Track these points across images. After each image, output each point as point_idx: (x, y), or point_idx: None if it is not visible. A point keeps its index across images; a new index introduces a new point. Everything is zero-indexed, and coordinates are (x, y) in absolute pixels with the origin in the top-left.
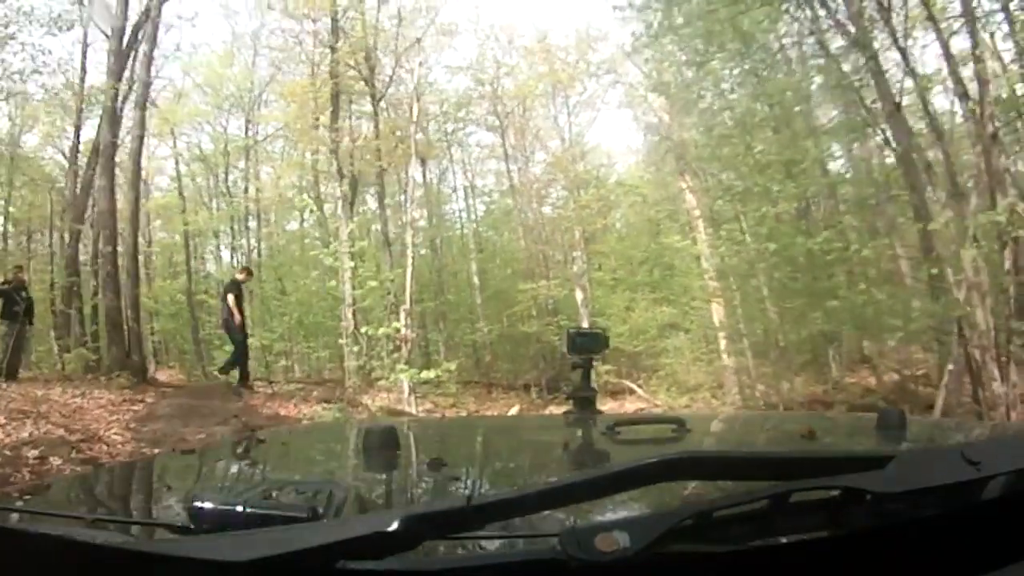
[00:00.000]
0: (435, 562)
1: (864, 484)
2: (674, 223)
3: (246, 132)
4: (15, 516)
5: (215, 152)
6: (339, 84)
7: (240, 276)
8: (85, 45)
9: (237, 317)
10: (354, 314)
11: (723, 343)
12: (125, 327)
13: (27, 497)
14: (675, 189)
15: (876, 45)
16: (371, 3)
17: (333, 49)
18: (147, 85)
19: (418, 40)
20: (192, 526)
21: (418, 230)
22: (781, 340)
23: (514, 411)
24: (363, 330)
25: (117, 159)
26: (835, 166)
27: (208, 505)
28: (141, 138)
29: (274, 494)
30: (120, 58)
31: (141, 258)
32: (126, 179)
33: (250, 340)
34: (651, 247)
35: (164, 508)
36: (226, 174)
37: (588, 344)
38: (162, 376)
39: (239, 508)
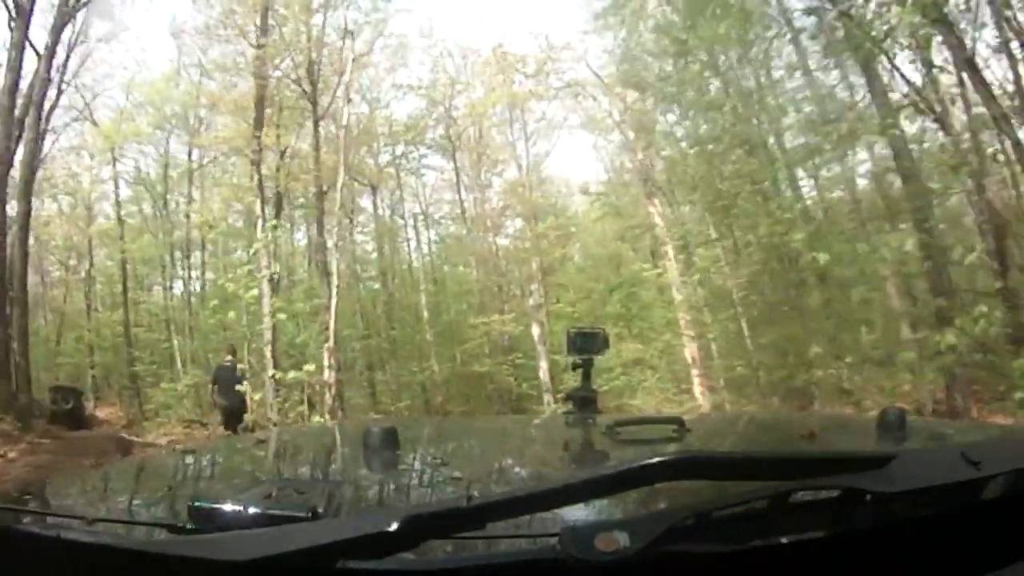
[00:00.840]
0: (435, 562)
1: (864, 484)
2: (639, 252)
3: (189, 155)
4: (15, 516)
5: (158, 175)
6: (265, 88)
7: (227, 360)
8: None
9: (219, 403)
10: (274, 354)
11: (696, 380)
12: (11, 362)
13: (27, 497)
14: (640, 217)
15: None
16: (318, 18)
17: (259, 47)
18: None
19: (363, 55)
20: (192, 526)
21: (367, 262)
22: (761, 375)
23: None
24: (270, 374)
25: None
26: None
27: (208, 505)
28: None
29: (274, 494)
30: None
31: (84, 287)
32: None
33: (180, 384)
34: (614, 279)
35: (164, 508)
36: (164, 200)
37: (588, 344)
38: (102, 413)
39: (239, 508)
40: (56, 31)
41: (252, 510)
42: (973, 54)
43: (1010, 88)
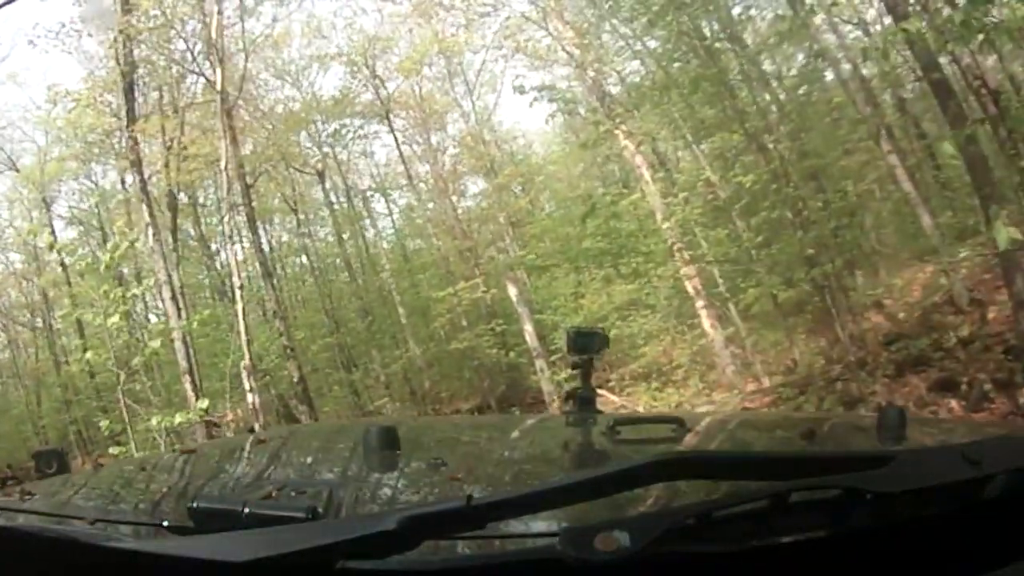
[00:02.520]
0: (435, 562)
1: (864, 484)
2: (609, 179)
3: (122, 183)
4: (15, 516)
5: (93, 209)
6: (133, 75)
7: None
8: None
9: None
10: (194, 384)
11: (702, 313)
12: None
13: (27, 497)
14: (602, 151)
15: None
16: None
17: (121, 31)
18: None
19: (267, 28)
20: (192, 526)
21: (329, 254)
22: (776, 294)
23: None
24: (154, 421)
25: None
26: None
27: (208, 505)
28: None
29: (274, 494)
30: None
31: (47, 341)
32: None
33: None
34: (592, 206)
35: (164, 508)
36: (103, 234)
37: (587, 343)
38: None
39: (239, 508)
40: None
41: (252, 510)
42: None
43: None
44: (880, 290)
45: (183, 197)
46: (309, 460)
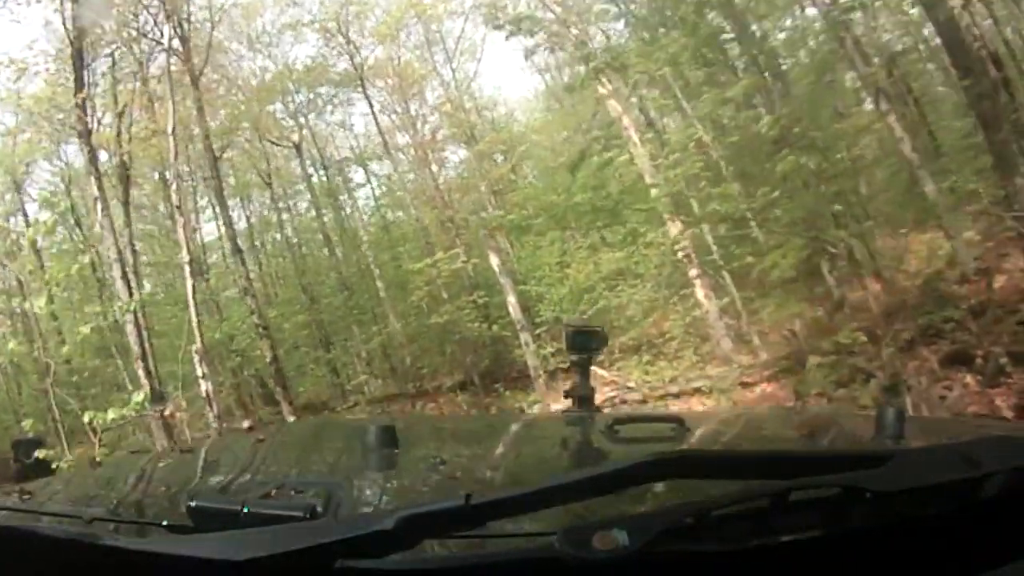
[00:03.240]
0: (435, 561)
1: (864, 483)
2: (597, 141)
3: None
4: (15, 516)
5: (63, 190)
6: (82, 39)
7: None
8: None
9: None
10: (147, 371)
11: (696, 282)
12: None
13: (27, 497)
14: (587, 112)
15: None
16: None
17: None
18: None
19: None
20: (191, 525)
21: (308, 229)
22: (774, 261)
23: None
24: (87, 417)
25: None
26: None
27: (207, 504)
28: None
29: (273, 493)
30: None
31: (23, 327)
32: None
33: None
34: (581, 155)
35: (164, 508)
36: (74, 215)
37: (586, 341)
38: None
39: (238, 507)
40: None
41: (251, 509)
42: None
43: None
44: (885, 258)
45: (155, 173)
46: (308, 460)
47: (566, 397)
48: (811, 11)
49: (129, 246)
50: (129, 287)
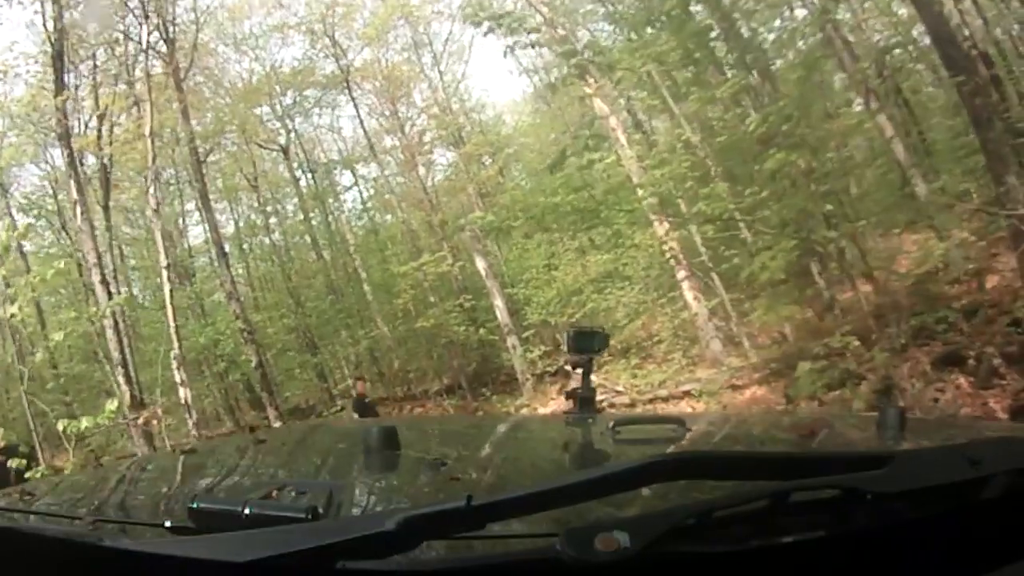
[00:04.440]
0: (435, 562)
1: (864, 484)
2: (582, 145)
3: (77, 163)
4: (15, 516)
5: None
6: (63, 40)
7: (360, 388)
8: None
9: None
10: (128, 377)
11: (684, 284)
12: None
13: (27, 497)
14: (575, 114)
15: None
16: None
17: None
18: None
19: None
20: (192, 526)
21: (295, 231)
22: (763, 263)
23: None
24: (60, 426)
25: None
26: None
27: (208, 505)
28: None
29: (274, 494)
30: None
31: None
32: None
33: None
34: (562, 153)
35: (164, 508)
36: (61, 220)
37: (587, 343)
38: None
39: (239, 508)
40: None
41: (252, 510)
42: None
43: None
44: (875, 259)
45: (141, 177)
46: (309, 460)
47: (567, 398)
48: (800, 12)
49: (109, 250)
50: (108, 291)
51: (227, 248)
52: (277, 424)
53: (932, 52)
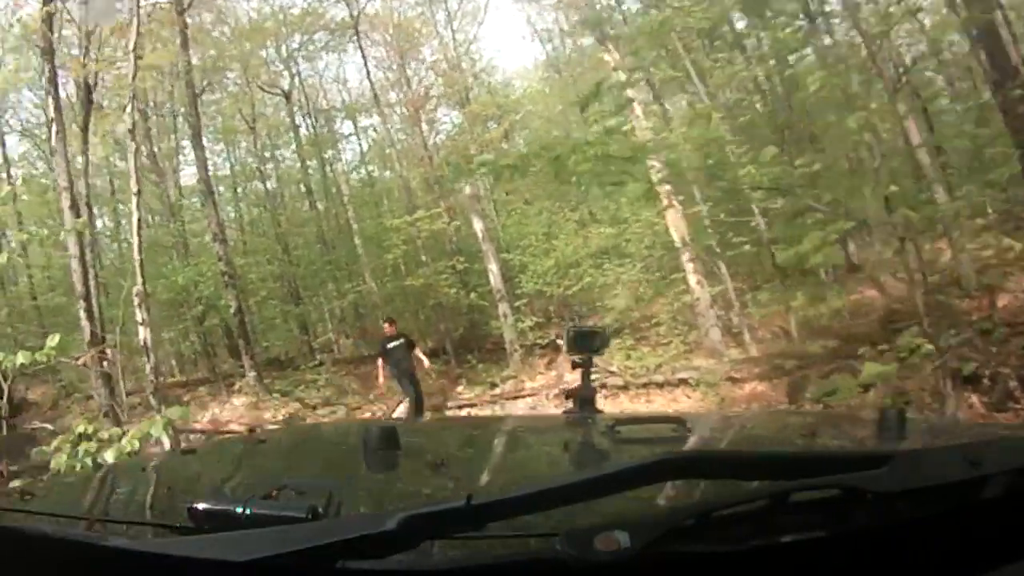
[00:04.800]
0: (435, 562)
1: (864, 484)
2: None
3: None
4: (15, 516)
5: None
6: None
7: (387, 329)
8: None
9: (383, 376)
10: (89, 312)
11: (689, 267)
12: None
13: (28, 497)
14: (586, 84)
15: None
16: None
17: None
18: None
19: None
20: (192, 526)
21: (291, 180)
22: (774, 252)
23: (401, 409)
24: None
25: None
26: None
27: (208, 505)
28: None
29: (274, 494)
30: None
31: None
32: None
33: None
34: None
35: (164, 508)
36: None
37: (588, 342)
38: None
39: (239, 508)
40: None
41: (252, 510)
42: None
43: None
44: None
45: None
46: (309, 460)
47: (566, 398)
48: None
49: (84, 174)
50: (78, 216)
51: (221, 189)
52: (252, 374)
53: (949, 65)
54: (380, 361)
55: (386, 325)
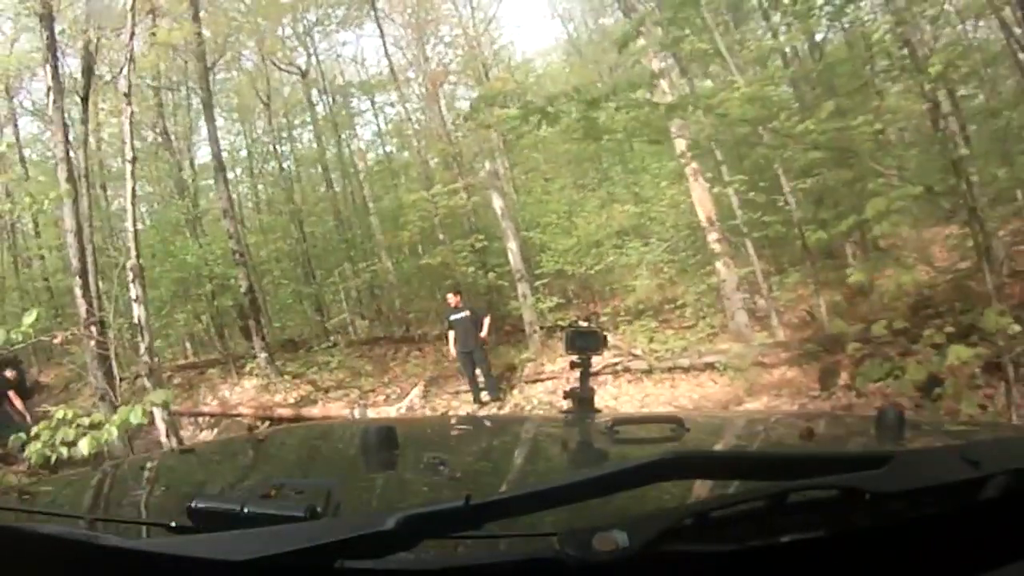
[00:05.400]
0: (434, 562)
1: (863, 484)
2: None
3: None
4: (15, 516)
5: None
6: None
7: (452, 300)
8: None
9: (455, 351)
10: (85, 288)
11: (716, 248)
12: None
13: (27, 497)
14: (606, 65)
15: None
16: None
17: None
18: None
19: None
20: (191, 525)
21: (307, 159)
22: (806, 234)
23: (415, 392)
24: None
25: None
26: None
27: (208, 505)
28: None
29: (273, 494)
30: None
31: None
32: None
33: None
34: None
35: (164, 508)
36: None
37: (586, 343)
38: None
39: (238, 508)
40: None
41: (251, 510)
42: None
43: None
44: (908, 249)
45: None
46: (309, 460)
47: (565, 398)
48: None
49: (84, 145)
50: (76, 191)
51: (238, 172)
52: (263, 355)
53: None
54: (451, 334)
55: (451, 295)
